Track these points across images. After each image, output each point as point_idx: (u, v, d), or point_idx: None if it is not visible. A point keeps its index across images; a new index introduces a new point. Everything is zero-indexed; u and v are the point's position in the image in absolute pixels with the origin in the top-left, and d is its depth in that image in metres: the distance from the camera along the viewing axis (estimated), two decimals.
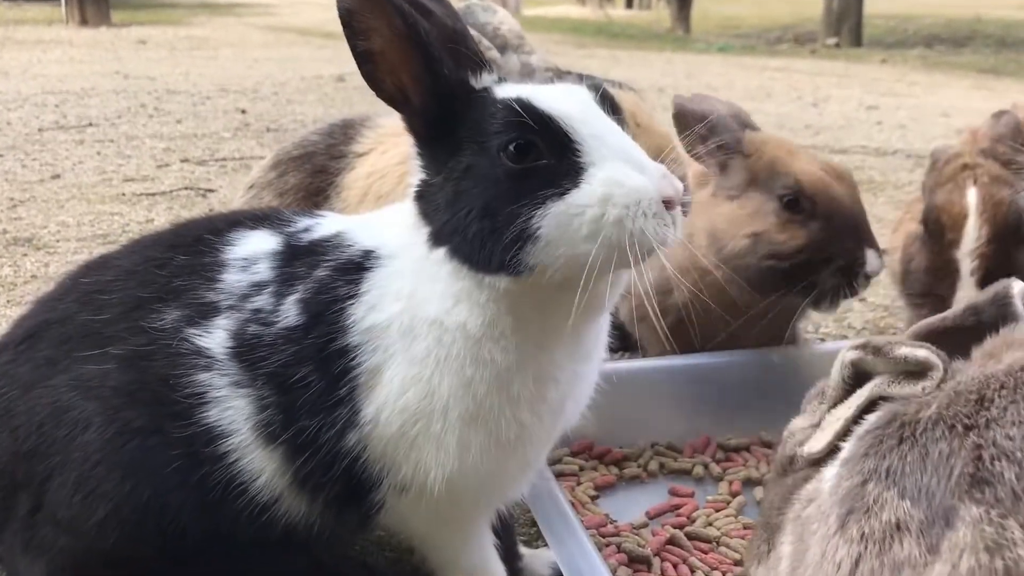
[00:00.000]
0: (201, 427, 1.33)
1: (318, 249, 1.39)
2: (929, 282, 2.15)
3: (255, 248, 1.42)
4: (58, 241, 3.49)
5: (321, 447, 1.32)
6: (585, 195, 1.19)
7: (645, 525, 1.76)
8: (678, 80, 9.12)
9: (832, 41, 13.84)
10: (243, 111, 6.46)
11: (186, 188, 4.27)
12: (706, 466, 1.96)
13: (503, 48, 1.91)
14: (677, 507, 1.82)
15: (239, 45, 11.87)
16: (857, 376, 1.26)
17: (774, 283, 1.99)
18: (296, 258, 1.39)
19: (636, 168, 1.22)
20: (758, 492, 1.88)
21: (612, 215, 1.18)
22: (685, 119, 2.10)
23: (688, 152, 2.07)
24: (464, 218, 1.23)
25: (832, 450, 1.21)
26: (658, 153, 1.83)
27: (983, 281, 1.92)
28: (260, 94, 7.36)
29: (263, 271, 1.39)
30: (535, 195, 1.20)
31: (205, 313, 1.36)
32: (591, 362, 1.40)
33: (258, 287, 1.37)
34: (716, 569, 1.62)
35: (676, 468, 1.95)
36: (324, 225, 1.45)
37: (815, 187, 1.97)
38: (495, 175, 1.22)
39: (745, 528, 1.75)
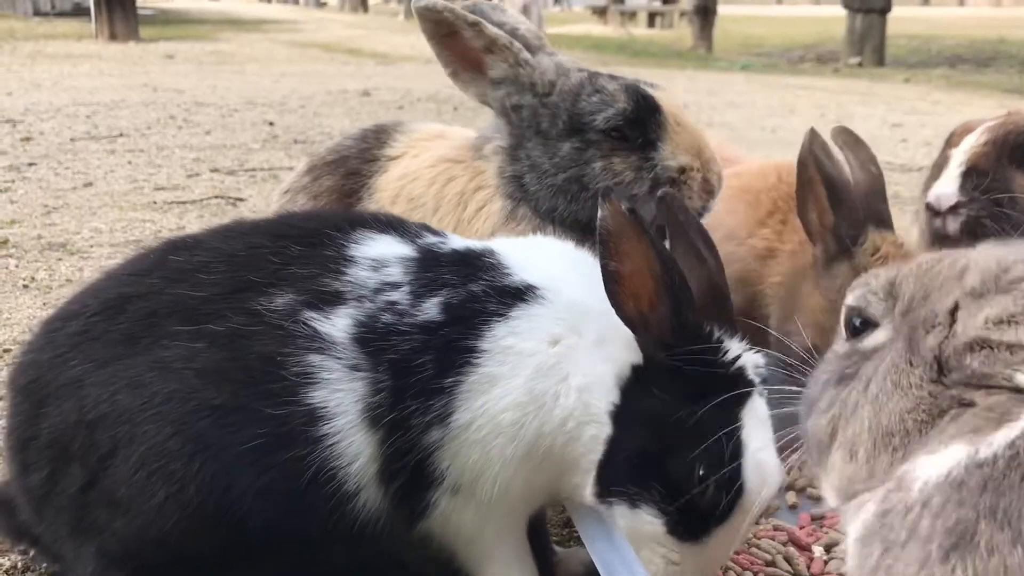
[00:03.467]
0: (303, 407, 1.34)
1: (471, 262, 1.47)
2: (927, 182, 2.07)
3: (385, 251, 1.47)
4: (91, 247, 3.55)
5: (409, 430, 1.36)
6: None
7: None
8: (700, 97, 9.15)
9: (855, 60, 13.84)
10: (271, 123, 6.55)
11: (216, 197, 4.33)
12: None
13: (528, 48, 1.94)
14: None
15: (265, 60, 12.03)
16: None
17: None
18: (438, 265, 1.45)
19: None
20: (790, 496, 1.88)
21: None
22: (811, 179, 1.90)
23: (800, 215, 1.97)
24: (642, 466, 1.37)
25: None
26: (696, 152, 1.87)
27: (966, 176, 1.90)
28: (287, 107, 7.45)
29: (396, 274, 1.44)
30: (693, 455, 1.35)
31: (328, 300, 1.40)
32: None
33: (392, 286, 1.42)
34: (748, 570, 1.62)
35: None
36: (453, 241, 1.53)
37: None
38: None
39: (775, 530, 1.75)
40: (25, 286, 3.10)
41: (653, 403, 1.37)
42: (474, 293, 1.41)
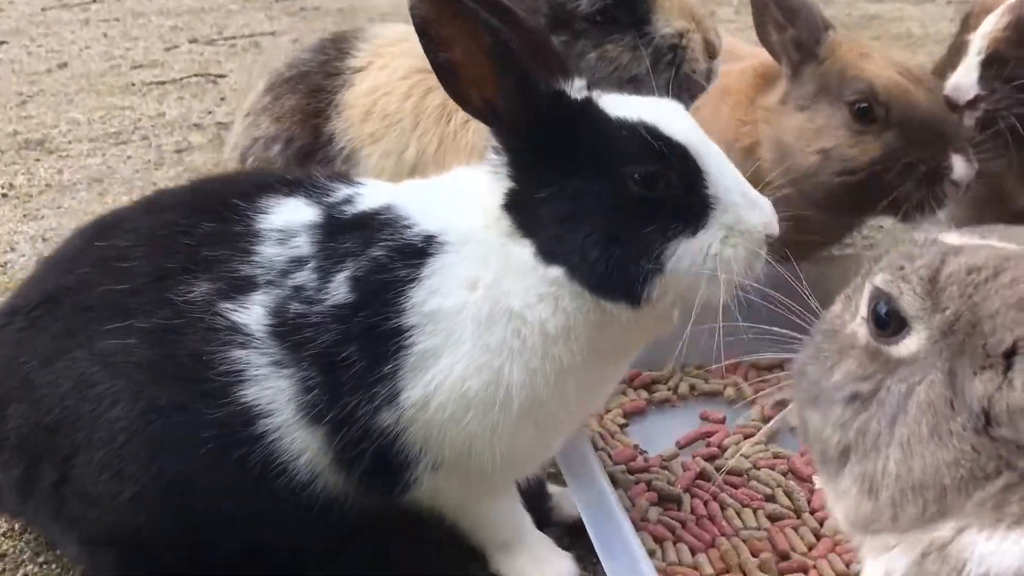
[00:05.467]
0: (238, 406, 1.28)
1: (369, 224, 1.33)
2: (941, 66, 1.97)
3: (291, 219, 1.35)
4: (70, 143, 3.40)
5: (356, 422, 1.29)
6: (713, 235, 1.23)
7: (675, 456, 1.72)
8: None
9: None
10: None
11: (196, 75, 4.11)
12: (737, 387, 1.90)
13: None
14: (708, 435, 1.78)
15: None
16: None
17: (849, 202, 1.87)
18: (342, 232, 1.32)
19: (751, 204, 1.26)
20: (791, 417, 1.82)
21: (735, 259, 1.24)
22: (764, 2, 1.93)
23: (761, 40, 1.95)
24: (583, 241, 1.23)
25: None
26: (690, 14, 1.72)
27: (986, 65, 1.74)
28: None
29: (303, 245, 1.32)
30: (665, 227, 1.22)
31: (240, 287, 1.30)
32: None
33: (298, 262, 1.31)
34: (747, 506, 1.59)
35: (707, 390, 1.90)
36: (367, 195, 1.38)
37: (889, 92, 1.79)
38: (620, 202, 1.22)
39: (776, 458, 1.71)
40: (4, 195, 2.99)
41: (560, 205, 1.24)
42: (378, 260, 1.28)
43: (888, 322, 0.92)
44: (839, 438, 0.95)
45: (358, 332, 1.27)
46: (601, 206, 1.23)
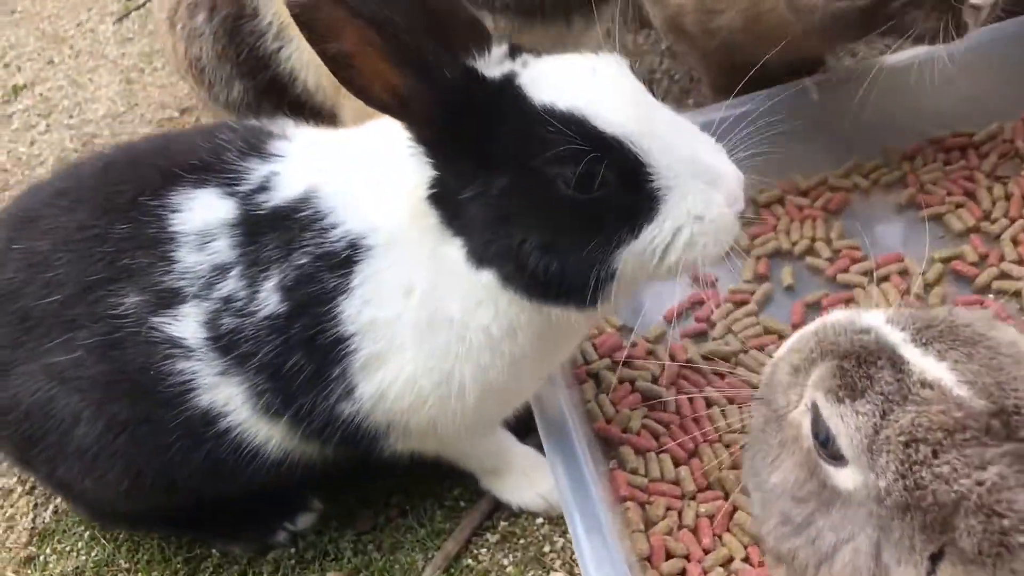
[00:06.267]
0: (196, 411, 1.29)
1: (289, 223, 1.22)
2: None
3: (206, 219, 1.25)
4: None
5: (316, 415, 1.29)
6: (666, 231, 1.10)
7: (662, 335, 1.69)
8: None
9: None
10: None
11: None
12: None
13: None
14: (698, 303, 1.72)
15: None
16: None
17: (851, 29, 1.62)
18: (262, 232, 1.23)
19: (709, 182, 1.10)
20: (786, 275, 1.74)
21: (694, 250, 1.12)
22: None
23: None
24: (518, 248, 1.12)
25: None
26: None
27: None
28: None
29: (223, 249, 1.24)
30: (608, 233, 1.10)
31: (167, 300, 1.25)
32: None
33: (221, 270, 1.23)
34: (732, 402, 1.57)
35: None
36: (283, 178, 1.25)
37: None
38: (553, 204, 1.09)
39: (767, 332, 1.66)
40: None
41: (488, 206, 1.11)
42: (304, 270, 1.20)
43: (827, 443, 0.85)
44: (773, 544, 0.92)
45: (298, 342, 1.24)
46: (533, 210, 1.10)
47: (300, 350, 1.23)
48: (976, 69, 1.77)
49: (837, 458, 0.83)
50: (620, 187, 1.08)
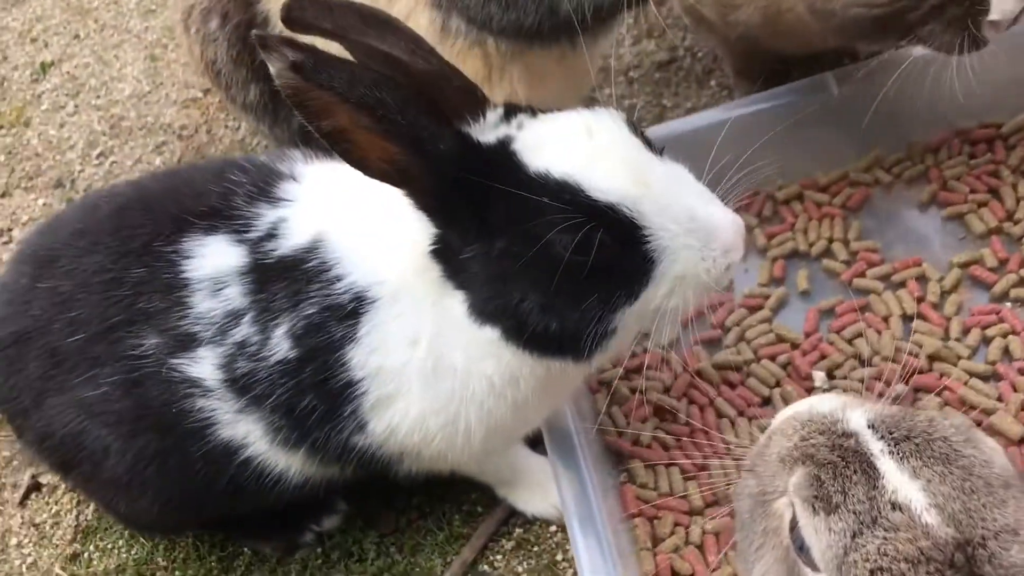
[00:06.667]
0: (219, 443, 1.36)
1: (297, 273, 1.26)
2: None
3: (217, 266, 1.29)
4: None
5: (331, 446, 1.36)
6: (662, 291, 1.14)
7: (675, 340, 1.70)
8: None
9: None
10: None
11: None
12: (750, 230, 1.79)
13: None
14: (712, 308, 1.73)
15: None
16: None
17: (869, 35, 1.59)
18: (271, 281, 1.28)
19: (705, 239, 1.12)
20: (801, 280, 1.74)
21: (686, 304, 1.16)
22: None
23: None
24: (517, 306, 1.15)
25: None
26: None
27: None
28: None
29: (235, 296, 1.29)
30: (606, 294, 1.12)
31: (184, 343, 1.31)
32: None
33: (234, 316, 1.29)
34: (743, 415, 1.60)
35: None
36: (291, 226, 1.29)
37: None
38: (551, 266, 1.10)
39: (779, 340, 1.67)
40: None
41: (488, 265, 1.14)
42: (312, 320, 1.25)
43: (802, 550, 0.87)
44: None
45: (310, 384, 1.29)
46: (531, 271, 1.12)
47: (312, 392, 1.29)
48: (1010, 55, 1.71)
49: (813, 567, 0.86)
50: (617, 249, 1.10)
